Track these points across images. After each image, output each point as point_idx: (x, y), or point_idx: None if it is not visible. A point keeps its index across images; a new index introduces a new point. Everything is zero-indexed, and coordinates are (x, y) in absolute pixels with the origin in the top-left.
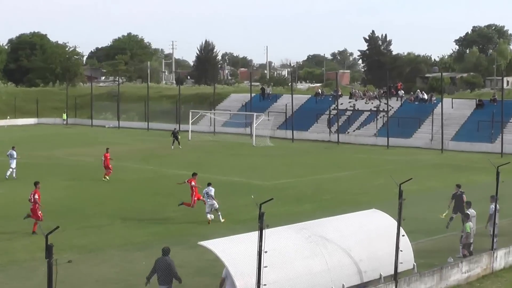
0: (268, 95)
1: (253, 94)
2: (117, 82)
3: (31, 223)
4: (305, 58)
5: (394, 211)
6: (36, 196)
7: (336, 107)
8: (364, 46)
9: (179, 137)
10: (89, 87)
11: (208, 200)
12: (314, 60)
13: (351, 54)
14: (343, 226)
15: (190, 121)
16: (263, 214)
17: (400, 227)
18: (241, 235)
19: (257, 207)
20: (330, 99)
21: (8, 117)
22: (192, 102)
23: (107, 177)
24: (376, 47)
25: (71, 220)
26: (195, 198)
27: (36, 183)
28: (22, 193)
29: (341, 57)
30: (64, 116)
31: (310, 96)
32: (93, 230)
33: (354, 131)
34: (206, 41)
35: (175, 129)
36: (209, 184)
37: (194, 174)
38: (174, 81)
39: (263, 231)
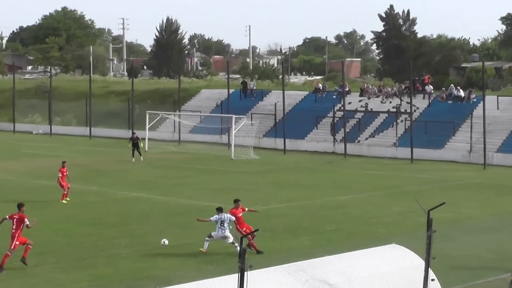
0: (251, 92)
1: (231, 90)
2: (49, 74)
3: None
4: (301, 42)
5: (420, 247)
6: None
7: (342, 108)
8: (379, 27)
9: (141, 145)
10: (11, 80)
11: (221, 230)
12: (313, 45)
13: (362, 37)
14: (352, 268)
15: (147, 126)
16: (245, 251)
17: (429, 269)
18: (214, 279)
19: (237, 241)
20: (334, 96)
21: None
22: (149, 101)
23: (66, 199)
24: (396, 27)
25: None
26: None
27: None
28: None
29: (349, 41)
30: None
31: (307, 92)
32: (13, 274)
33: (366, 139)
34: (168, 18)
35: (134, 134)
36: (220, 210)
37: (236, 201)
38: (126, 73)
39: (245, 273)
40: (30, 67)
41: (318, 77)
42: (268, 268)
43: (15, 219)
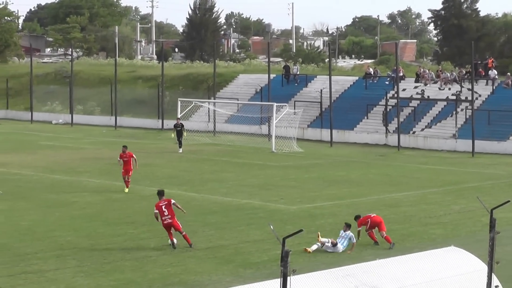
0: (294, 77)
1: (272, 75)
2: (70, 57)
3: None
4: (350, 22)
5: (482, 250)
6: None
7: (395, 95)
8: (437, 4)
9: (185, 134)
10: (28, 63)
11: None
12: (363, 25)
13: (418, 15)
14: (405, 273)
15: (179, 115)
16: (288, 253)
17: (493, 275)
18: (254, 284)
19: (279, 242)
20: (386, 83)
21: None
22: (181, 87)
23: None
24: (456, 5)
25: None
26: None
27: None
28: None
29: (403, 21)
30: None
31: (357, 78)
32: (32, 278)
33: (422, 130)
34: None
35: (178, 120)
36: (348, 226)
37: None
38: (155, 56)
39: (288, 278)
40: (49, 50)
41: (369, 61)
42: (313, 272)
43: (163, 206)
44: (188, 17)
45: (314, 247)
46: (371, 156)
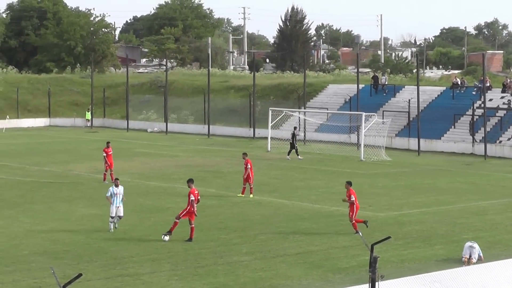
0: (383, 87)
1: (361, 86)
2: (164, 67)
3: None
4: (437, 33)
5: None
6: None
7: (482, 105)
8: None
9: (296, 144)
10: (124, 74)
11: None
12: (450, 36)
13: (505, 26)
14: (493, 281)
15: (270, 124)
16: (377, 259)
17: None
18: None
19: (367, 248)
20: (473, 93)
21: (8, 117)
22: (272, 97)
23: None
24: None
25: (93, 265)
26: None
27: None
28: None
29: (490, 32)
30: (88, 115)
31: (444, 88)
32: (128, 281)
33: (509, 140)
34: (293, 8)
35: (295, 128)
36: None
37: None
38: (247, 66)
39: (376, 284)
40: (144, 60)
41: (456, 71)
42: (401, 278)
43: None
44: (279, 28)
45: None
46: (457, 165)
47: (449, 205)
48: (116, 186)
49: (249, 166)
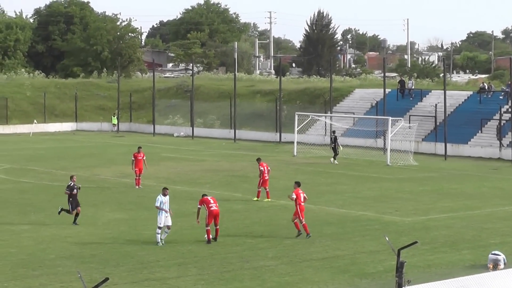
0: (409, 91)
1: (387, 90)
2: (191, 72)
3: None
4: (464, 37)
5: None
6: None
7: (510, 109)
8: None
9: (340, 147)
10: (150, 78)
11: None
12: (477, 40)
13: None
14: None
15: (296, 129)
16: (403, 264)
17: None
18: None
19: (394, 253)
20: (501, 97)
21: (35, 121)
22: (298, 101)
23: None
24: None
25: (119, 269)
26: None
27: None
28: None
29: None
30: (114, 120)
31: (471, 93)
32: (154, 285)
33: None
34: (319, 12)
35: (334, 132)
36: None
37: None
38: (273, 71)
39: None
40: (170, 65)
41: (483, 76)
42: (428, 283)
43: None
44: (305, 33)
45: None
46: (484, 170)
47: (476, 210)
48: (164, 195)
49: (262, 169)
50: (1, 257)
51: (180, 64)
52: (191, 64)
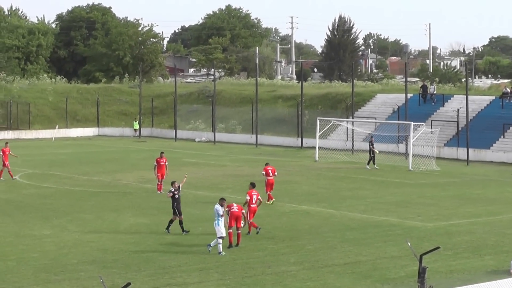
0: (431, 96)
1: (409, 95)
2: (212, 77)
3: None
4: (487, 42)
5: None
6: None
7: None
8: None
9: (376, 151)
10: (172, 83)
11: None
12: (500, 45)
13: None
14: None
15: (318, 134)
16: (425, 269)
17: None
18: None
19: (416, 259)
20: None
21: (57, 126)
22: (320, 106)
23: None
24: None
25: (141, 274)
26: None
27: None
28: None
29: None
30: (136, 125)
31: (493, 97)
32: None
33: None
34: (340, 17)
35: (372, 137)
36: None
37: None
38: (295, 76)
39: None
40: (192, 70)
41: (506, 81)
42: None
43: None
44: (327, 38)
45: None
46: (507, 175)
47: (499, 215)
48: (221, 205)
49: (265, 173)
50: (24, 262)
51: (202, 69)
52: (212, 69)
